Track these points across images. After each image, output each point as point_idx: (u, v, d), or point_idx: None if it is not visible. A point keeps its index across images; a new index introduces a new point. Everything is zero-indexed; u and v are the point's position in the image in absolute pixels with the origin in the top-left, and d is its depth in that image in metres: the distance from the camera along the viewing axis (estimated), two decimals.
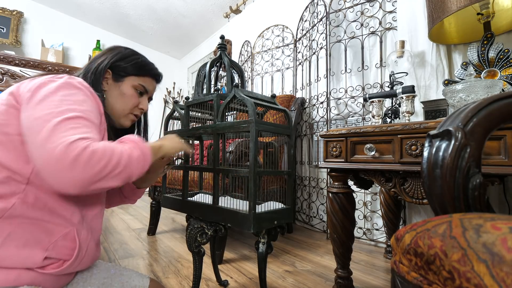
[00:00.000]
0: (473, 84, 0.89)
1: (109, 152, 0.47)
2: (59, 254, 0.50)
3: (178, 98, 4.55)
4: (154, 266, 1.35)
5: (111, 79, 0.68)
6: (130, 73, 0.69)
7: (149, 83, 0.73)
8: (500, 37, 1.29)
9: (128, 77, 0.69)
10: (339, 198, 0.99)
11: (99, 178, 0.45)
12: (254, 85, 2.72)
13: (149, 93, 0.75)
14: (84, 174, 0.43)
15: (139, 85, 0.71)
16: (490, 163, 0.69)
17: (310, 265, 1.38)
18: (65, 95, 0.51)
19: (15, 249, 0.46)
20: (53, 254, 0.49)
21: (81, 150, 0.43)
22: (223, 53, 0.98)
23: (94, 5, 3.46)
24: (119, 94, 0.68)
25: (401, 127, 0.84)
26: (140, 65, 0.71)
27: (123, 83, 0.69)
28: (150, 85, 0.74)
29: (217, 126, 0.80)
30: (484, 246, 0.26)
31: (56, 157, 0.42)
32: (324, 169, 1.96)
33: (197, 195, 1.01)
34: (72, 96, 0.51)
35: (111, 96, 0.67)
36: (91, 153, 0.44)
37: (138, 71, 0.70)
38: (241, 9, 3.11)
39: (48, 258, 0.48)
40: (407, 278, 0.34)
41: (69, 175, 0.42)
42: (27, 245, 0.47)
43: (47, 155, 0.42)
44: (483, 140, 0.41)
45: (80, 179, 0.43)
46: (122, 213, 2.63)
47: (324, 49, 1.94)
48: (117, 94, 0.68)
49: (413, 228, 0.36)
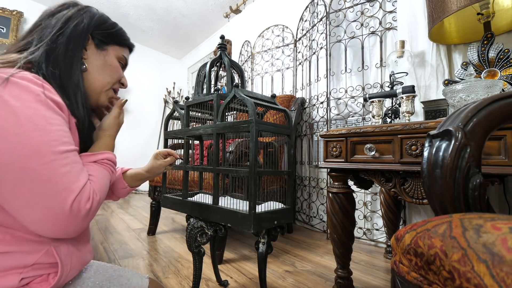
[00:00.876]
0: (473, 84, 0.89)
1: (103, 195, 0.48)
2: (38, 272, 0.45)
3: (178, 98, 4.55)
4: (154, 266, 1.35)
5: (93, 47, 0.56)
6: (113, 42, 0.60)
7: (128, 55, 0.66)
8: (500, 37, 1.29)
9: (112, 46, 0.60)
10: (339, 198, 0.99)
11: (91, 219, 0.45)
12: (254, 85, 2.72)
13: (126, 66, 0.67)
14: (87, 222, 0.43)
15: (123, 56, 0.62)
16: (490, 163, 0.69)
17: (310, 265, 1.38)
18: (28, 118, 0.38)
19: None
20: (30, 274, 0.43)
21: (90, 204, 0.43)
22: (223, 53, 0.98)
23: (94, 5, 3.43)
24: (103, 65, 0.58)
25: (401, 127, 0.84)
26: (122, 33, 0.62)
27: (107, 53, 0.59)
28: (128, 56, 0.66)
29: (217, 126, 0.80)
30: (484, 246, 0.26)
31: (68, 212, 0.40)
32: (324, 169, 1.96)
33: (197, 195, 1.01)
34: (37, 117, 0.39)
35: (94, 66, 0.56)
36: (97, 204, 0.45)
37: (121, 40, 0.61)
38: (241, 9, 3.11)
39: (25, 278, 0.43)
40: (407, 278, 0.34)
41: (77, 225, 0.42)
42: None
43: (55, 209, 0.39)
44: (483, 140, 0.41)
45: (82, 227, 0.43)
46: (122, 213, 2.63)
47: (324, 49, 1.94)
48: (101, 64, 0.58)
49: (413, 228, 0.36)
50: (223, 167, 0.84)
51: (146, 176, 0.78)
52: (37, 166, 0.38)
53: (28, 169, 0.38)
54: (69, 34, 0.51)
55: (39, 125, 0.39)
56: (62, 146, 0.41)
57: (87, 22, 0.54)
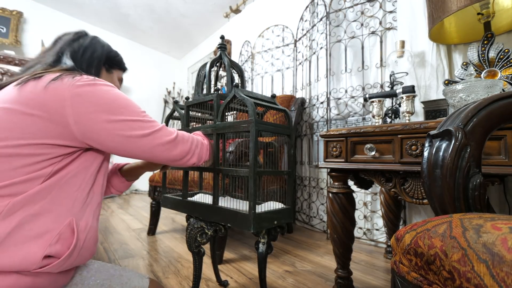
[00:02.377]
0: (473, 84, 0.89)
1: (191, 138, 0.67)
2: (58, 249, 0.48)
3: (178, 98, 4.55)
4: (154, 266, 1.35)
5: (104, 71, 0.69)
6: (116, 67, 0.72)
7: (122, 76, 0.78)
8: (500, 37, 1.28)
9: (116, 70, 0.72)
10: (339, 198, 0.99)
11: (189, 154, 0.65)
12: (254, 85, 2.72)
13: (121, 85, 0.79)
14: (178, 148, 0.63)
15: (121, 78, 0.74)
16: (490, 163, 0.69)
17: (310, 265, 1.38)
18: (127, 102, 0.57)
19: (14, 248, 0.44)
20: (52, 251, 0.47)
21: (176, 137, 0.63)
22: (223, 53, 0.98)
23: (94, 5, 3.46)
24: None
25: (401, 127, 0.84)
26: (121, 60, 0.74)
27: (113, 75, 0.71)
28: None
29: (217, 126, 0.80)
30: (484, 246, 0.26)
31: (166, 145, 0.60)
32: (324, 169, 1.96)
33: (197, 195, 1.01)
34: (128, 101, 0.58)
35: None
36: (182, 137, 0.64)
37: (121, 65, 0.74)
38: (241, 9, 3.11)
39: (47, 257, 0.47)
40: (407, 278, 0.34)
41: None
42: (26, 242, 0.45)
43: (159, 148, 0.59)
44: (483, 140, 0.41)
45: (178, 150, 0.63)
46: (122, 213, 2.63)
47: (324, 49, 1.94)
48: None
49: (413, 228, 0.36)
50: (223, 167, 0.84)
51: (140, 170, 0.83)
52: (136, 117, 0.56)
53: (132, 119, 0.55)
54: (88, 61, 0.64)
55: (125, 97, 0.58)
56: (140, 108, 0.59)
57: (100, 52, 0.68)
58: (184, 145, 0.63)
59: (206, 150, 0.72)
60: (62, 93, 0.49)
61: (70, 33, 0.68)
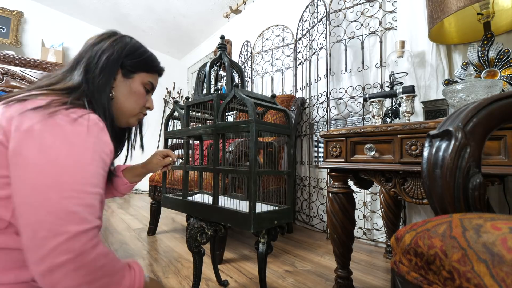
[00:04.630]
0: (473, 84, 0.89)
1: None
2: None
3: (178, 98, 4.55)
4: (154, 266, 1.35)
5: (120, 75, 0.61)
6: (141, 70, 0.64)
7: (156, 80, 0.70)
8: (500, 37, 1.28)
9: (139, 74, 0.64)
10: (339, 198, 0.99)
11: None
12: (254, 85, 2.72)
13: (153, 90, 0.71)
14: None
15: (149, 82, 0.66)
16: (490, 163, 0.69)
17: (310, 265, 1.38)
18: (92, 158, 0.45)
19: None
20: None
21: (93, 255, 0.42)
22: (223, 53, 0.98)
23: (94, 5, 3.46)
24: (129, 92, 0.62)
25: (401, 127, 0.84)
26: (150, 61, 0.66)
27: (133, 80, 0.63)
28: (156, 82, 0.70)
29: (217, 126, 0.80)
30: (484, 246, 0.26)
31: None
32: (324, 169, 1.96)
33: (197, 195, 1.01)
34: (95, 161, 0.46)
35: (121, 94, 0.61)
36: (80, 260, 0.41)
37: (148, 68, 0.66)
38: (241, 9, 3.11)
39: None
40: (407, 278, 0.34)
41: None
42: (11, 269, 0.44)
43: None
44: (483, 140, 0.41)
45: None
46: (122, 213, 2.63)
47: (324, 49, 1.94)
48: (127, 92, 0.62)
49: (413, 228, 0.36)
50: (223, 167, 0.84)
51: (142, 171, 0.82)
52: (54, 195, 0.41)
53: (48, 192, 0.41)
54: (101, 67, 0.56)
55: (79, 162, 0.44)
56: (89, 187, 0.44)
57: (117, 55, 0.59)
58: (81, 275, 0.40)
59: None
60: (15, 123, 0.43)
61: (96, 35, 0.61)
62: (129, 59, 0.61)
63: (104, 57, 0.57)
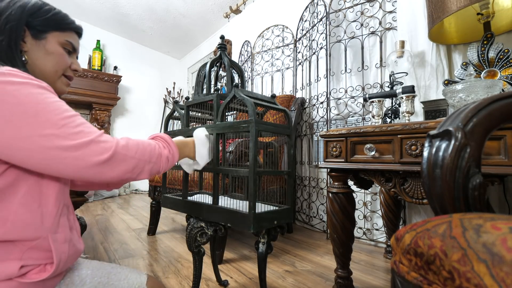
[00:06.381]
0: (473, 84, 0.89)
1: (138, 153, 0.52)
2: (36, 260, 0.47)
3: (178, 98, 4.55)
4: (154, 266, 1.35)
5: (30, 38, 0.55)
6: (52, 29, 0.57)
7: (75, 40, 0.63)
8: (500, 37, 1.29)
9: (51, 33, 0.57)
10: (339, 198, 0.99)
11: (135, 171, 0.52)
12: (254, 85, 2.72)
13: (76, 52, 0.64)
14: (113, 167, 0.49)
15: (66, 41, 0.60)
16: (490, 163, 0.69)
17: (310, 265, 1.38)
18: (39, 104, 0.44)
19: None
20: (29, 262, 0.46)
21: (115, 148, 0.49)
22: (223, 53, 0.98)
23: (94, 5, 3.46)
24: (45, 54, 0.57)
25: (401, 127, 0.84)
26: (61, 18, 0.59)
27: (47, 41, 0.57)
28: (76, 41, 0.63)
29: (217, 126, 0.80)
30: (484, 246, 0.26)
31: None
32: (324, 169, 1.96)
33: (197, 195, 1.01)
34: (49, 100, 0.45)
35: (36, 57, 0.55)
36: (123, 149, 0.50)
37: (60, 26, 0.59)
38: (241, 9, 3.11)
39: (24, 266, 0.45)
40: (407, 278, 0.34)
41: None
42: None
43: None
44: (483, 140, 0.41)
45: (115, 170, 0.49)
46: (122, 213, 2.63)
47: (324, 49, 1.95)
48: (43, 54, 0.56)
49: (413, 228, 0.36)
50: (223, 167, 0.84)
51: None
52: (53, 132, 0.43)
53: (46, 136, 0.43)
54: (1, 30, 0.51)
55: (40, 101, 0.44)
56: (65, 112, 0.46)
57: (18, 13, 0.53)
58: (126, 163, 0.50)
59: (166, 162, 0.59)
60: None
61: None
62: (35, 18, 0.55)
63: (2, 18, 0.51)
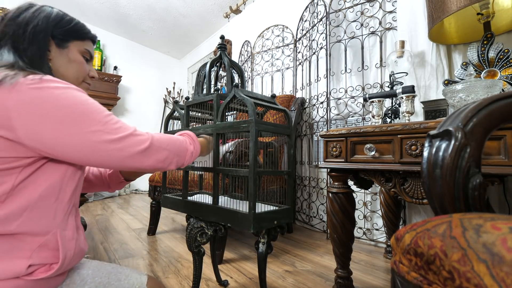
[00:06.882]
0: (473, 84, 0.89)
1: (170, 145, 0.59)
2: (43, 260, 0.48)
3: (178, 98, 4.55)
4: (154, 266, 1.35)
5: (54, 47, 0.58)
6: (73, 38, 0.61)
7: (91, 48, 0.67)
8: (500, 37, 1.29)
9: (73, 42, 0.61)
10: (339, 198, 0.99)
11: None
12: (254, 85, 2.72)
13: (92, 59, 0.68)
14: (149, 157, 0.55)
15: (85, 50, 0.63)
16: (490, 163, 0.69)
17: (310, 265, 1.38)
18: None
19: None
20: (37, 261, 0.47)
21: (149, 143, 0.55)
22: (223, 53, 0.98)
23: (94, 5, 3.45)
24: (68, 62, 0.60)
25: (401, 127, 0.84)
26: (80, 28, 0.63)
27: (69, 50, 0.60)
28: (92, 49, 0.67)
29: (217, 126, 0.80)
30: (484, 246, 0.26)
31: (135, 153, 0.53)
32: (324, 169, 1.96)
33: (197, 195, 1.01)
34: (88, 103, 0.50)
35: (60, 65, 0.59)
36: (157, 142, 0.57)
37: (80, 35, 0.63)
38: (241, 9, 3.11)
39: (32, 265, 0.47)
40: (407, 278, 0.34)
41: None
42: (4, 258, 0.45)
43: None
44: (483, 140, 0.41)
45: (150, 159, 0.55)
46: (122, 213, 2.63)
47: (324, 49, 1.94)
48: (66, 62, 0.60)
49: (413, 228, 0.36)
50: (223, 167, 0.84)
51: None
52: (99, 127, 0.49)
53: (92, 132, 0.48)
54: (29, 38, 0.53)
55: (83, 102, 0.49)
56: (105, 111, 0.52)
57: (44, 24, 0.56)
58: (159, 154, 0.56)
59: (190, 156, 0.65)
60: (4, 103, 0.43)
61: (12, 9, 0.56)
62: (58, 28, 0.58)
63: (29, 28, 0.54)
